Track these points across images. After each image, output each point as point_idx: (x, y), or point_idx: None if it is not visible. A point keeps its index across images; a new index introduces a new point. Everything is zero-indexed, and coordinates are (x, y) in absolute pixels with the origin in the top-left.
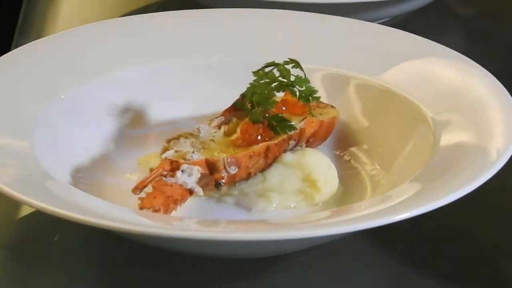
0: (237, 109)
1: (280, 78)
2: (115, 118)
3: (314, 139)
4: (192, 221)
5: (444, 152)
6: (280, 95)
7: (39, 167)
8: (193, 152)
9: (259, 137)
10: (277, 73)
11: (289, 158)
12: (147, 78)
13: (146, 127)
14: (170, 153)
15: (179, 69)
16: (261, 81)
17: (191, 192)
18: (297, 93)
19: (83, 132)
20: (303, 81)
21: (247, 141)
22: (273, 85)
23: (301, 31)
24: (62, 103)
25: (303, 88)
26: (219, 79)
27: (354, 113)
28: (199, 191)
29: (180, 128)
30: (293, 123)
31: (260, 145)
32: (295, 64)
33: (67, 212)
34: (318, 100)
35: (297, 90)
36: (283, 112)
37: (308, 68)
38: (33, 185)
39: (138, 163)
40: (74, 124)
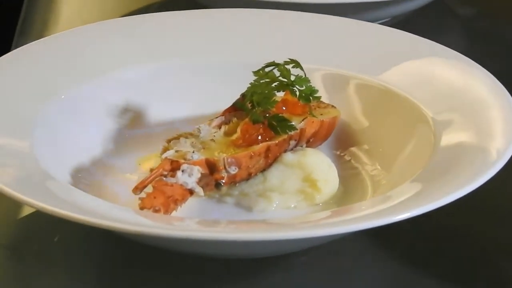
0: (237, 109)
1: (281, 78)
2: (115, 118)
3: (314, 139)
4: (192, 221)
5: (445, 152)
6: (280, 95)
7: (39, 167)
8: (193, 152)
9: (259, 137)
10: (277, 73)
11: (289, 158)
12: (147, 78)
13: (146, 127)
14: (170, 153)
15: (179, 69)
16: (261, 81)
17: (191, 192)
18: (297, 93)
19: (83, 132)
20: (303, 80)
21: (248, 141)
22: (273, 85)
23: (301, 31)
24: (62, 103)
25: (304, 87)
26: (219, 79)
27: (354, 113)
28: (199, 191)
29: (180, 128)
30: (293, 123)
31: (261, 145)
32: (295, 64)
33: (67, 212)
34: (319, 100)
35: (297, 90)
36: (284, 112)
37: (308, 68)
38: (33, 185)
39: (138, 163)
40: (74, 124)
